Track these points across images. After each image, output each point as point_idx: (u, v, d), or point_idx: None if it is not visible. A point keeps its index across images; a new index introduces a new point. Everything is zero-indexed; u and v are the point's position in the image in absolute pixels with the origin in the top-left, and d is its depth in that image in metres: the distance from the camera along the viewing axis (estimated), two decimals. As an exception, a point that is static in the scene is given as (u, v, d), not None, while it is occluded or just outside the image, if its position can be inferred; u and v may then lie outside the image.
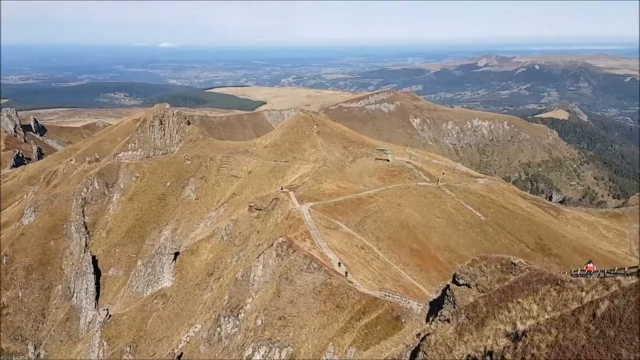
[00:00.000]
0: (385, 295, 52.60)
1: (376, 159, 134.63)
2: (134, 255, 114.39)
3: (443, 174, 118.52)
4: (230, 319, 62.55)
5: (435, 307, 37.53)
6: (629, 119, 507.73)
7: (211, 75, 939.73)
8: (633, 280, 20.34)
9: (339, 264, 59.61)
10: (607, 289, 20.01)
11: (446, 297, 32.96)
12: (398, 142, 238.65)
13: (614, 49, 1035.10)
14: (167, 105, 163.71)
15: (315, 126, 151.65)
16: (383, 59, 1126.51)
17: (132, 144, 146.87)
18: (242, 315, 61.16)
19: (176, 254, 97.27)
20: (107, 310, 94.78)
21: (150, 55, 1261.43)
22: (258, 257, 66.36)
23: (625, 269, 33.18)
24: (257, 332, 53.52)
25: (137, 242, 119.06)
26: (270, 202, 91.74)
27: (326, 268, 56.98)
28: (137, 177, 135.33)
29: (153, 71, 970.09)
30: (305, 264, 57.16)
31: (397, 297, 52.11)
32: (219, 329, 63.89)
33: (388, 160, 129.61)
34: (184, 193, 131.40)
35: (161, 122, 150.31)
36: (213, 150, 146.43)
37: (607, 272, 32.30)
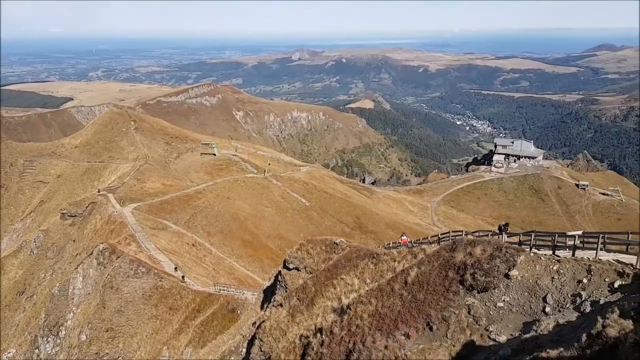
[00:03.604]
0: (220, 290, 52.66)
1: (202, 153, 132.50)
2: None
3: (269, 164, 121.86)
4: (49, 339, 56.98)
5: (269, 294, 38.86)
6: (424, 105, 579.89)
7: (4, 70, 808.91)
8: (435, 247, 23.67)
9: (175, 268, 57.77)
10: (415, 257, 22.98)
11: (278, 282, 34.40)
12: (223, 136, 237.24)
13: (408, 43, 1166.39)
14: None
15: (132, 122, 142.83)
16: (199, 51, 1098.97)
17: None
18: (63, 332, 55.96)
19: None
20: None
21: None
22: (76, 268, 61.62)
23: (429, 238, 38.23)
24: (82, 348, 49.29)
25: None
26: (87, 207, 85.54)
27: (156, 271, 54.66)
28: None
29: None
30: (131, 269, 54.12)
31: (232, 290, 52.57)
32: (37, 350, 57.86)
33: (214, 154, 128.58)
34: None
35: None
36: (13, 154, 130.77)
37: (414, 242, 36.90)
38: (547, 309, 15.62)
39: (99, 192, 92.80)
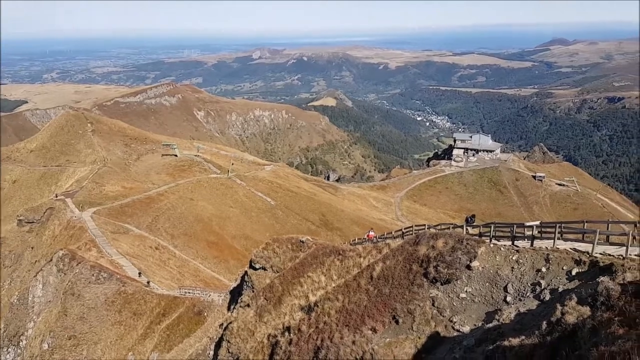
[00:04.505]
0: (185, 293, 51.85)
1: (163, 154, 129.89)
2: None
3: (232, 164, 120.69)
4: (9, 349, 55.15)
5: (235, 294, 38.48)
6: (385, 102, 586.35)
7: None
8: (399, 241, 23.92)
9: (139, 274, 56.48)
10: (380, 252, 23.16)
11: (245, 283, 34.09)
12: (184, 136, 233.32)
13: (368, 40, 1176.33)
14: None
15: (89, 124, 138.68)
16: (157, 51, 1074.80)
17: None
18: (24, 342, 54.17)
19: None
20: None
21: None
22: (36, 275, 59.73)
23: (393, 233, 38.61)
24: (44, 357, 47.85)
25: None
26: (44, 213, 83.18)
27: (118, 276, 53.32)
28: None
29: None
30: (93, 275, 52.66)
31: (197, 292, 51.83)
32: (-4, 362, 55.47)
33: (176, 155, 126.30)
34: None
35: None
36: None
37: (379, 237, 37.22)
38: (509, 299, 16.02)
39: (56, 196, 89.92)
